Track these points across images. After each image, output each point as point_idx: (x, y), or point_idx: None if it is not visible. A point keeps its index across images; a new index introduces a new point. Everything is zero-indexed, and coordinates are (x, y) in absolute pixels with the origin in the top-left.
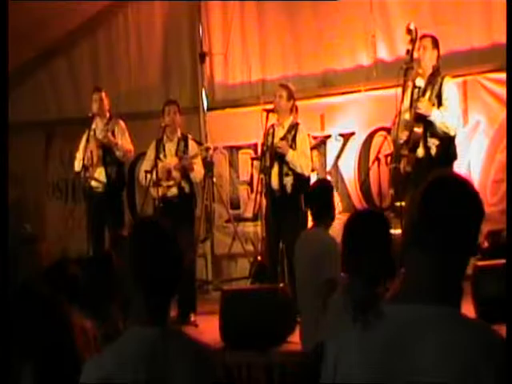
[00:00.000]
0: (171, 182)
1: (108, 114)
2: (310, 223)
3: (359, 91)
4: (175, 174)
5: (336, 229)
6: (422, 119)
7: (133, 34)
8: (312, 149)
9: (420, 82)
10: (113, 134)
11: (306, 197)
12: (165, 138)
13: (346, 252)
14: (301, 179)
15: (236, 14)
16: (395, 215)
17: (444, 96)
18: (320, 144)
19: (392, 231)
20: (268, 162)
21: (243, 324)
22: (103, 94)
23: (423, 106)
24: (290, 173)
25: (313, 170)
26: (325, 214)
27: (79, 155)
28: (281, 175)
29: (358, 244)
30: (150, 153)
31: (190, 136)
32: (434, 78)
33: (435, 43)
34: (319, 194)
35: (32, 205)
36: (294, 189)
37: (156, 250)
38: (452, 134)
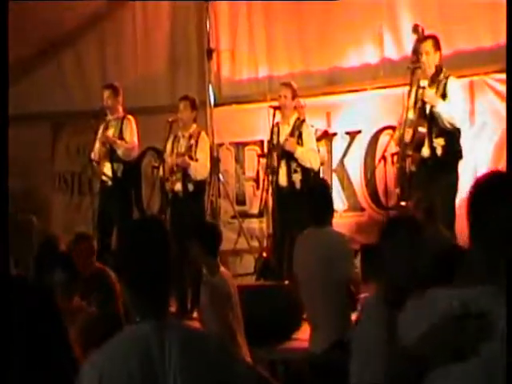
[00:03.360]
0: (174, 178)
1: (120, 109)
2: None
3: (366, 89)
4: (176, 170)
5: (342, 227)
6: (426, 117)
7: (140, 27)
8: (317, 141)
9: (424, 83)
10: (121, 130)
11: (307, 197)
12: (179, 133)
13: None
14: (309, 175)
15: (243, 11)
16: None
17: (448, 94)
18: (324, 136)
19: None
20: (275, 160)
21: (248, 320)
22: (115, 91)
23: (430, 96)
24: (298, 169)
25: (322, 164)
26: (327, 213)
27: (96, 146)
28: (289, 172)
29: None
30: (166, 147)
31: (202, 132)
32: (437, 76)
33: (437, 45)
34: (320, 194)
35: (38, 196)
36: (303, 184)
37: (141, 249)
38: (457, 125)
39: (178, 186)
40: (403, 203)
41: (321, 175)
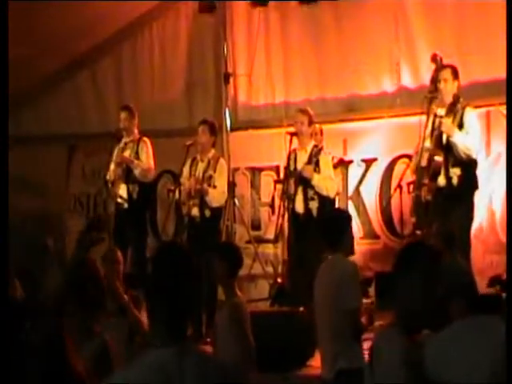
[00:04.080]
0: (191, 203)
1: (136, 131)
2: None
3: (382, 117)
4: (194, 195)
5: (357, 254)
6: (442, 147)
7: (157, 50)
8: (334, 168)
9: (441, 112)
10: (137, 152)
11: (322, 226)
12: (197, 157)
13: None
14: (325, 202)
15: (260, 36)
16: None
17: (465, 124)
18: (340, 163)
19: None
20: (292, 187)
21: (262, 346)
22: (131, 113)
23: (447, 126)
24: (315, 197)
25: (337, 194)
26: (342, 243)
27: (112, 167)
28: (306, 200)
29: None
30: (183, 171)
31: (221, 158)
32: (454, 106)
33: (455, 74)
34: (335, 223)
35: (54, 218)
36: (320, 212)
37: (172, 274)
38: (473, 156)
39: (195, 211)
40: (419, 232)
41: (336, 203)
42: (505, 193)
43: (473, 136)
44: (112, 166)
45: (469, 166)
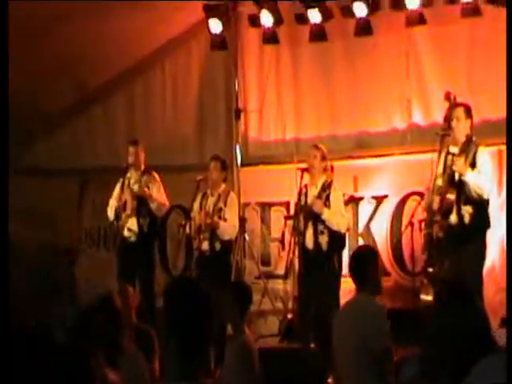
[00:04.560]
0: (202, 237)
1: (143, 166)
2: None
3: (393, 154)
4: (204, 229)
5: None
6: (455, 185)
7: (169, 86)
8: (344, 205)
9: (454, 150)
10: (147, 186)
11: (350, 263)
12: (208, 192)
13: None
14: (336, 237)
15: (271, 72)
16: (428, 281)
17: (478, 163)
18: (350, 201)
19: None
20: (302, 222)
21: (271, 383)
22: (140, 147)
23: (459, 166)
24: (325, 231)
25: (348, 230)
26: (369, 281)
27: (112, 203)
28: (316, 234)
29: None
30: (194, 205)
31: (231, 192)
32: (468, 146)
33: (468, 112)
34: (363, 260)
35: (64, 250)
36: (329, 246)
37: (185, 309)
38: (485, 196)
39: (205, 245)
40: (430, 269)
41: (346, 238)
42: None
43: (485, 176)
44: (114, 202)
45: (481, 205)
